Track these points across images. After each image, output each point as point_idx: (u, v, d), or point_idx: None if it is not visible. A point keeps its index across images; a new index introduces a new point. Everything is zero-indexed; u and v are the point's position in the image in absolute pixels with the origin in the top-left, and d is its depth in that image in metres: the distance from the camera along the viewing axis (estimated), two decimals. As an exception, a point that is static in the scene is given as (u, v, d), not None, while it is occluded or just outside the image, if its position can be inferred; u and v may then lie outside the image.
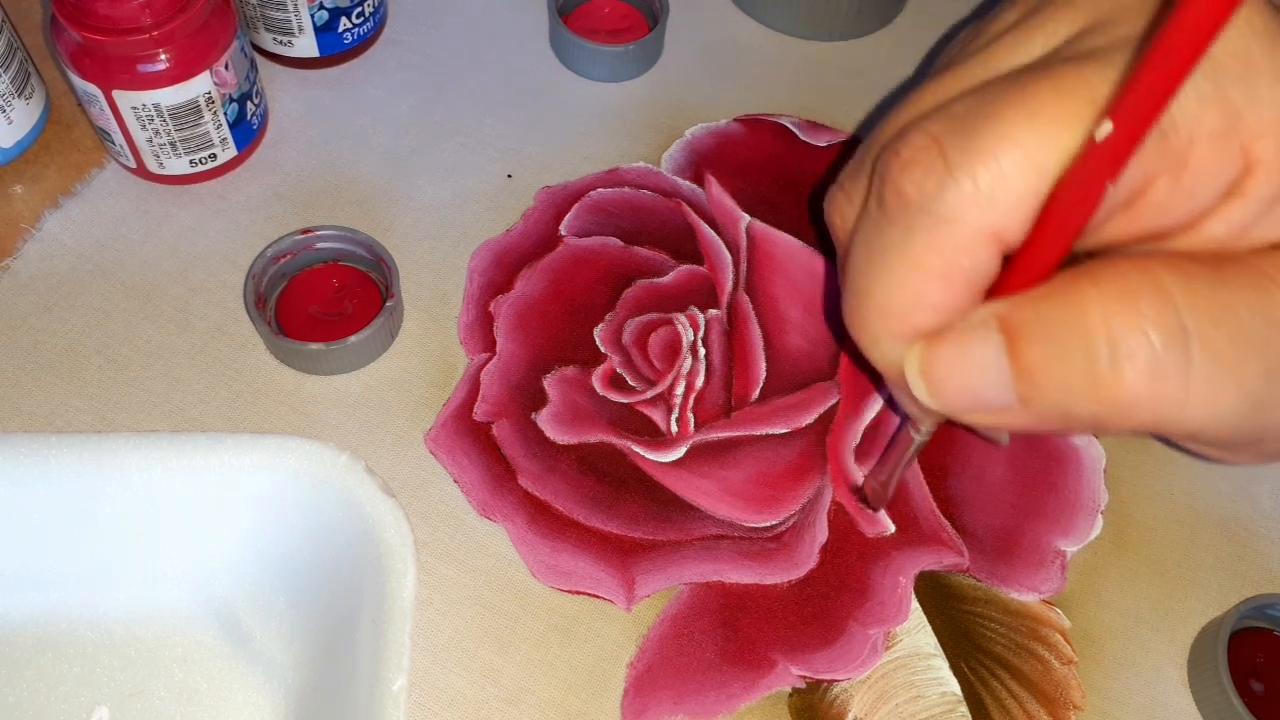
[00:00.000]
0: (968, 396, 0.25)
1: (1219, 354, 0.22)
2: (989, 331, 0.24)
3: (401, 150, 0.41)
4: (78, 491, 0.33)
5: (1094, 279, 0.23)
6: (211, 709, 0.32)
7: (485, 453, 0.35)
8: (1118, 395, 0.23)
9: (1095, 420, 0.24)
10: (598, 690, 0.31)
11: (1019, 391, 0.24)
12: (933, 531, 0.34)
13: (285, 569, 0.33)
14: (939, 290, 0.24)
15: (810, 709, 0.31)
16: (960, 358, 0.25)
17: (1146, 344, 0.22)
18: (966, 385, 0.25)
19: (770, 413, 0.36)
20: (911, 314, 0.25)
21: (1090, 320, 0.23)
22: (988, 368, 0.24)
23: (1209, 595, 0.34)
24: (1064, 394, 0.23)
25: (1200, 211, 0.24)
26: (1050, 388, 0.23)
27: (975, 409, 0.25)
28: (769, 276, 0.39)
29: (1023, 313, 0.24)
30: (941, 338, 0.25)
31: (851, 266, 0.27)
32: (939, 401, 0.25)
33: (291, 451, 0.33)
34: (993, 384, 0.24)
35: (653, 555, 0.33)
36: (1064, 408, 0.24)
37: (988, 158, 0.23)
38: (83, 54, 0.35)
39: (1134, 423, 0.23)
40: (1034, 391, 0.24)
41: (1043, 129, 0.22)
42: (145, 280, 0.38)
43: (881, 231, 0.25)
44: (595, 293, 0.38)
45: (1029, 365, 0.24)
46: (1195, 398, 0.23)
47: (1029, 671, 0.32)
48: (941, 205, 0.23)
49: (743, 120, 0.43)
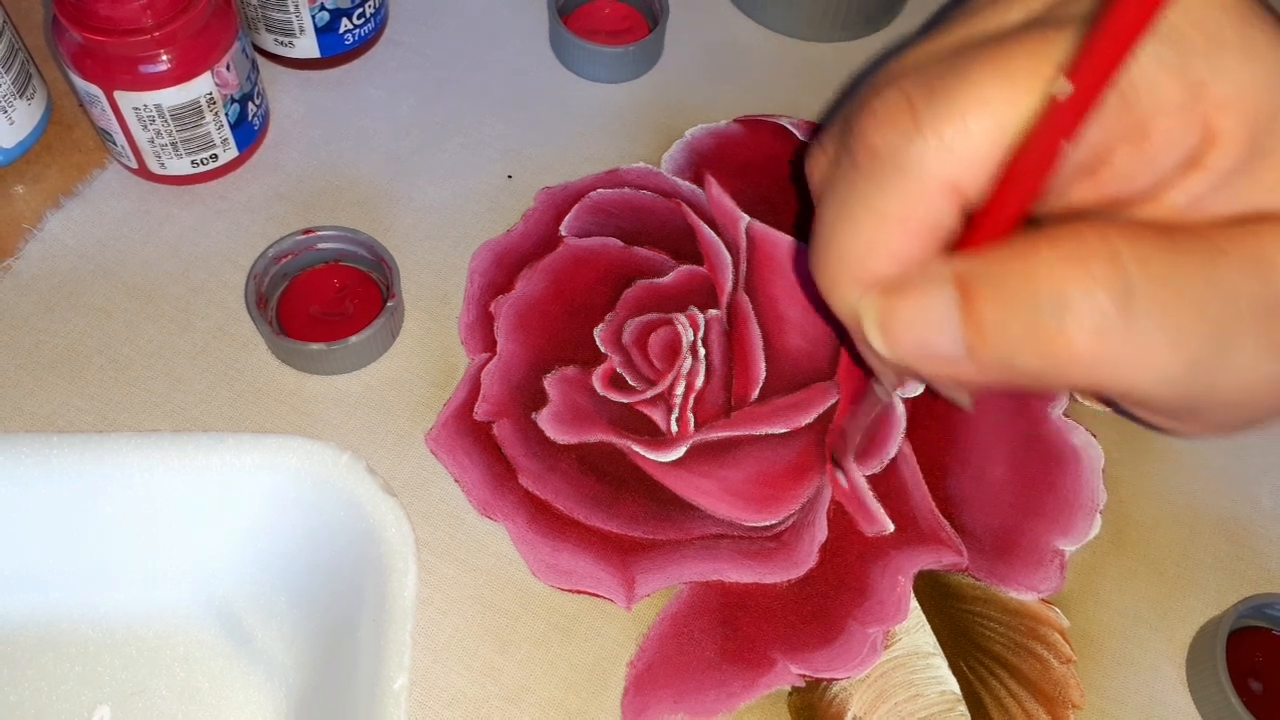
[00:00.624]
0: (920, 347, 0.26)
1: (1163, 317, 0.23)
2: (944, 284, 0.25)
3: (402, 151, 0.42)
4: (79, 491, 0.33)
5: (1051, 239, 0.24)
6: (213, 708, 0.32)
7: (486, 452, 0.35)
8: (1062, 351, 0.23)
9: (1039, 375, 0.24)
10: (598, 689, 0.31)
11: (968, 343, 0.25)
12: (932, 531, 0.34)
13: (286, 568, 0.33)
14: (898, 239, 0.25)
15: (810, 708, 0.31)
16: (915, 308, 0.26)
17: (1094, 304, 0.23)
18: (919, 336, 0.26)
19: (770, 412, 0.36)
20: (869, 259, 0.26)
21: (1040, 278, 0.23)
22: (941, 320, 0.25)
23: (1208, 595, 0.34)
24: (1010, 347, 0.24)
25: (1161, 181, 0.24)
26: (998, 341, 0.24)
27: (926, 359, 0.26)
28: (769, 277, 0.39)
29: (977, 268, 0.24)
30: (899, 288, 0.26)
31: (820, 217, 0.28)
32: (892, 350, 0.26)
33: (292, 451, 0.33)
34: (944, 336, 0.25)
35: (653, 554, 0.33)
36: (1009, 361, 0.24)
37: (954, 113, 0.24)
38: (84, 55, 0.35)
39: (1077, 379, 0.24)
40: (982, 344, 0.24)
41: (1009, 89, 0.23)
42: (147, 280, 0.38)
43: (848, 182, 0.26)
44: (595, 293, 0.38)
45: (979, 319, 0.24)
46: (1137, 358, 0.23)
47: (1028, 670, 0.32)
48: (905, 157, 0.25)
49: (743, 121, 0.43)
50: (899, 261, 0.26)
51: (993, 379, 0.25)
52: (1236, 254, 0.24)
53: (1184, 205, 0.25)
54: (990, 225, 0.24)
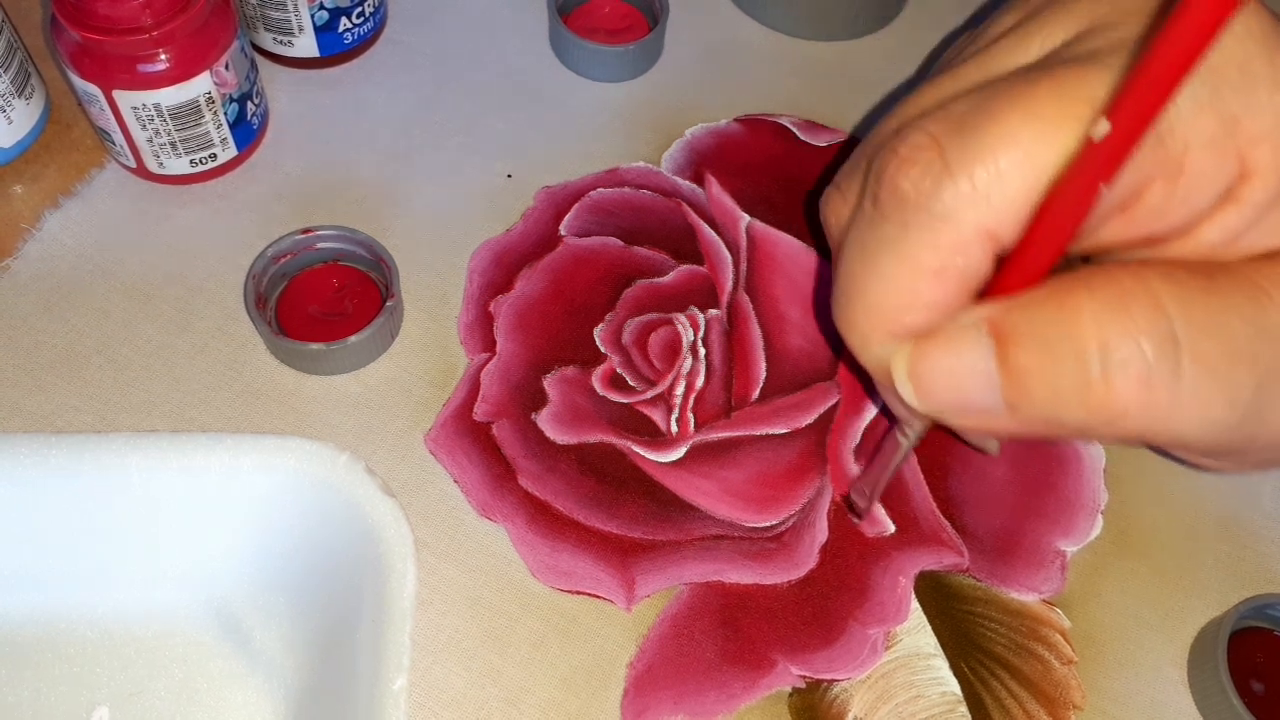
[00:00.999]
0: (954, 399, 0.25)
1: (1210, 365, 0.22)
2: (979, 334, 0.24)
3: (401, 150, 0.41)
4: (78, 491, 0.33)
5: (1088, 285, 0.23)
6: (211, 709, 0.32)
7: (485, 453, 0.35)
8: (1108, 403, 0.23)
9: (1083, 427, 0.23)
10: (598, 690, 0.31)
11: (1007, 396, 0.24)
12: (933, 531, 0.34)
13: (285, 569, 0.33)
14: (932, 289, 0.24)
15: (810, 709, 0.31)
16: (949, 359, 0.24)
17: (1139, 353, 0.22)
18: (953, 387, 0.24)
19: (770, 413, 0.36)
20: (903, 312, 0.25)
21: (1083, 327, 0.23)
22: (976, 371, 0.24)
23: (1209, 595, 0.34)
24: (1053, 400, 0.23)
25: (1196, 217, 0.24)
26: (1039, 394, 0.23)
27: (961, 412, 0.25)
28: (769, 276, 0.39)
29: (1014, 316, 0.24)
30: (931, 339, 0.25)
31: (844, 265, 0.26)
32: (925, 403, 0.25)
33: (291, 451, 0.33)
34: (980, 387, 0.24)
35: (653, 555, 0.33)
36: (1052, 414, 0.23)
37: (986, 156, 0.23)
38: (83, 54, 0.35)
39: (1122, 431, 0.23)
40: (1022, 397, 0.24)
41: (1041, 129, 0.22)
42: (145, 280, 0.38)
43: (876, 229, 0.25)
44: (595, 293, 0.38)
45: (1018, 370, 0.23)
46: (1185, 408, 0.23)
47: (1029, 671, 0.32)
48: (938, 203, 0.23)
49: (743, 120, 0.43)
50: (933, 312, 0.25)
51: (1032, 431, 0.24)
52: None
53: (1219, 242, 0.24)
54: (1023, 269, 0.23)
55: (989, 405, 0.24)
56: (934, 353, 0.25)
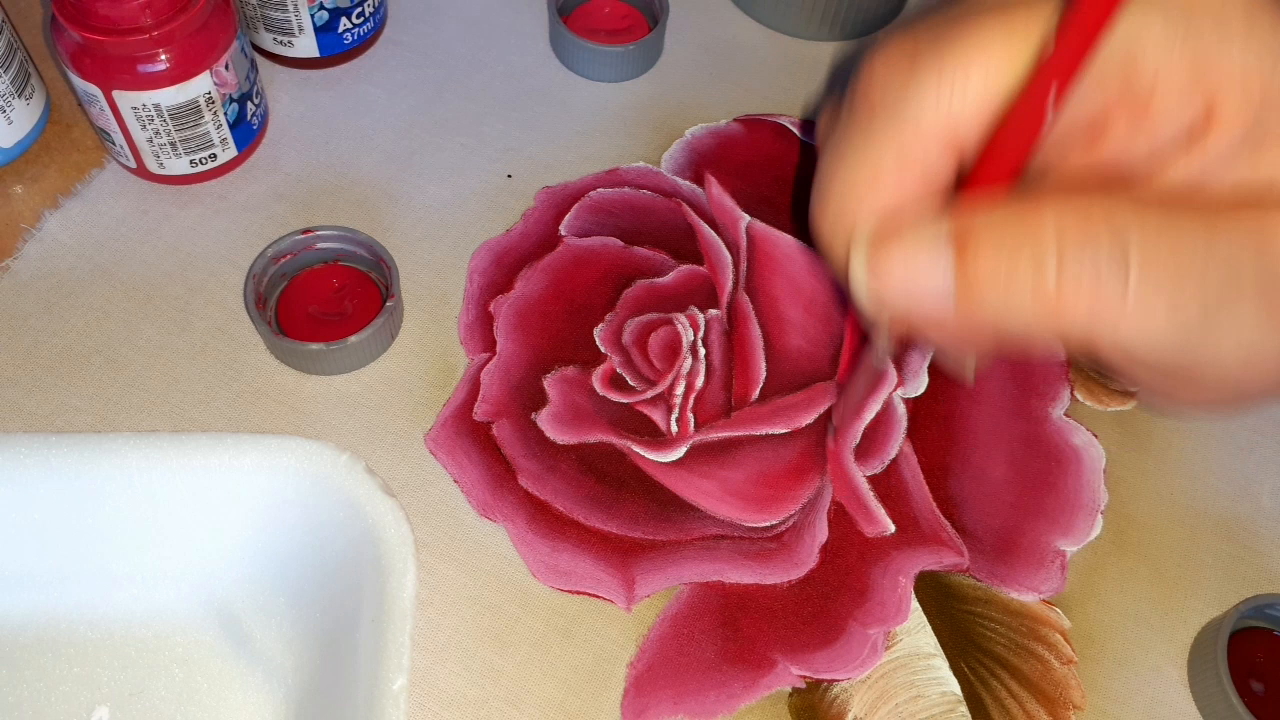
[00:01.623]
0: (906, 286, 0.26)
1: (1158, 280, 0.23)
2: (938, 233, 0.25)
3: (401, 150, 0.41)
4: (78, 491, 0.33)
5: (1053, 198, 0.24)
6: (211, 709, 0.32)
7: (485, 453, 0.35)
8: (1058, 307, 0.24)
9: (1029, 326, 0.25)
10: (598, 690, 0.31)
11: (959, 287, 0.25)
12: (933, 531, 0.34)
13: (285, 569, 0.33)
14: (893, 183, 0.26)
15: (810, 709, 0.31)
16: (906, 251, 0.26)
17: (1091, 258, 0.23)
18: (908, 277, 0.26)
19: (770, 413, 0.36)
20: (866, 197, 0.27)
21: (1044, 232, 0.24)
22: (931, 261, 0.25)
23: (1209, 595, 0.34)
24: (1002, 296, 0.24)
25: (1160, 155, 0.25)
26: (990, 288, 0.25)
27: (911, 300, 0.26)
28: (769, 276, 0.39)
29: (974, 220, 0.25)
30: (893, 233, 0.26)
31: (819, 166, 0.28)
32: (877, 289, 0.26)
33: (291, 451, 0.33)
34: (933, 277, 0.25)
35: (653, 555, 0.33)
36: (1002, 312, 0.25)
37: (952, 64, 0.25)
38: (83, 54, 0.35)
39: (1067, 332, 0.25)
40: (973, 290, 0.25)
41: (1008, 42, 0.24)
42: (145, 280, 0.38)
43: (847, 130, 0.27)
44: (595, 293, 0.38)
45: (972, 263, 0.25)
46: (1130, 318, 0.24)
47: (1029, 671, 0.32)
48: (903, 104, 0.25)
49: (743, 120, 0.43)
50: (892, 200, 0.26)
51: (978, 328, 0.26)
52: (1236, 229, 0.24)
53: (1182, 184, 0.25)
54: (984, 178, 0.25)
55: (939, 303, 0.26)
56: (894, 245, 0.26)
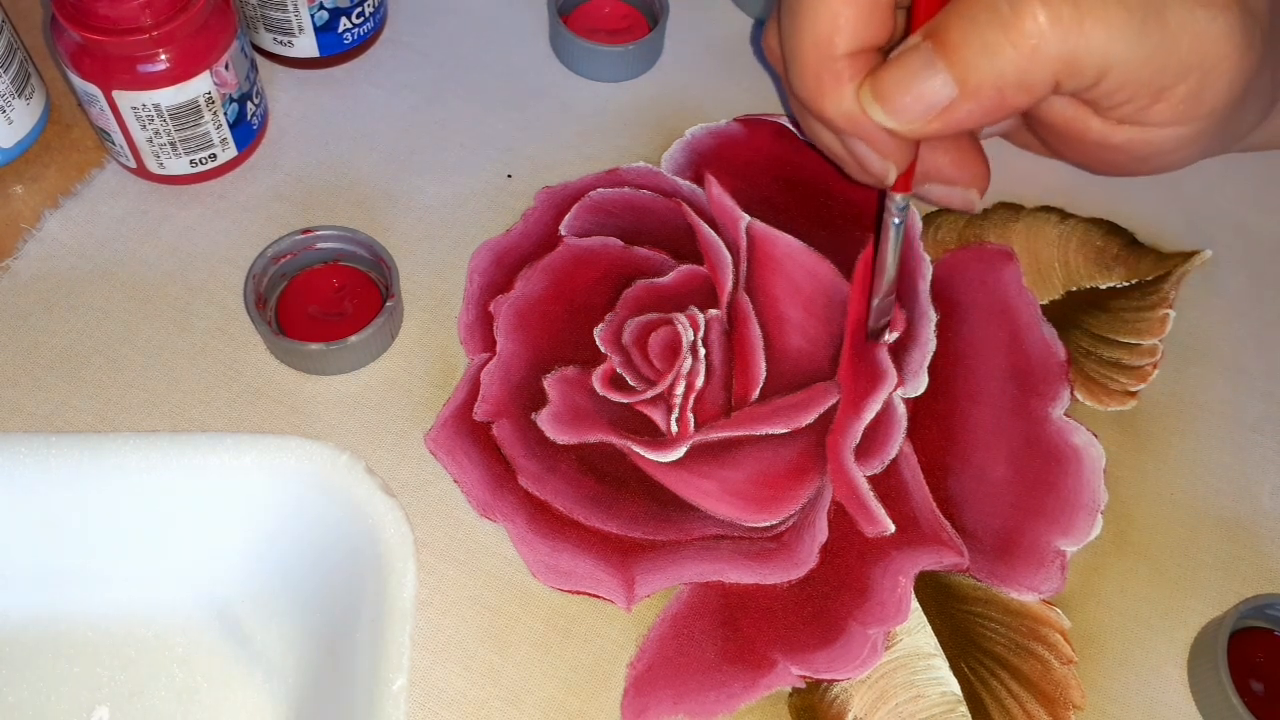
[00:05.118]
0: (915, 101, 0.31)
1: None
2: (918, 43, 0.31)
3: (401, 150, 0.41)
4: (78, 491, 0.33)
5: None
6: (211, 708, 0.32)
7: (485, 453, 0.35)
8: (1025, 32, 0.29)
9: (1020, 73, 0.30)
10: (598, 690, 0.31)
11: (953, 74, 0.30)
12: (933, 531, 0.34)
13: (285, 569, 0.33)
14: (849, 10, 0.31)
15: (810, 709, 0.31)
16: (899, 72, 0.31)
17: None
18: (911, 91, 0.31)
19: (770, 413, 0.36)
20: (834, 35, 0.31)
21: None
22: (924, 67, 0.30)
23: (1209, 595, 0.34)
24: (983, 55, 0.29)
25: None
26: (973, 56, 0.29)
27: (924, 110, 0.31)
28: (769, 276, 0.39)
29: (939, 20, 0.30)
30: (882, 66, 0.31)
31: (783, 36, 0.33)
32: (895, 116, 0.31)
33: (291, 451, 0.33)
34: (932, 81, 0.30)
35: (653, 555, 0.33)
36: (990, 69, 0.29)
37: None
38: (83, 54, 0.35)
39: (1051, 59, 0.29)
40: (962, 65, 0.30)
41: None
42: (145, 280, 0.38)
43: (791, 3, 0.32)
44: (595, 293, 0.38)
45: (952, 47, 0.30)
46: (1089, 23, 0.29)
47: (1029, 671, 0.32)
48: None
49: (743, 120, 0.43)
50: (858, 32, 0.31)
51: (985, 103, 0.30)
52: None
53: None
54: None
55: (944, 92, 0.30)
56: (887, 73, 0.31)
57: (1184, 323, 0.39)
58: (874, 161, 0.34)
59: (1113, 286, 0.40)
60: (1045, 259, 0.40)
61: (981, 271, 0.40)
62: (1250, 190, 0.43)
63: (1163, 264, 0.40)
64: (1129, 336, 0.39)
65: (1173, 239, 0.41)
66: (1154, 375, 0.38)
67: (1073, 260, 0.40)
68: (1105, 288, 0.40)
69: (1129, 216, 0.41)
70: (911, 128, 0.31)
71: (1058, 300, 0.39)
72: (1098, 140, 0.35)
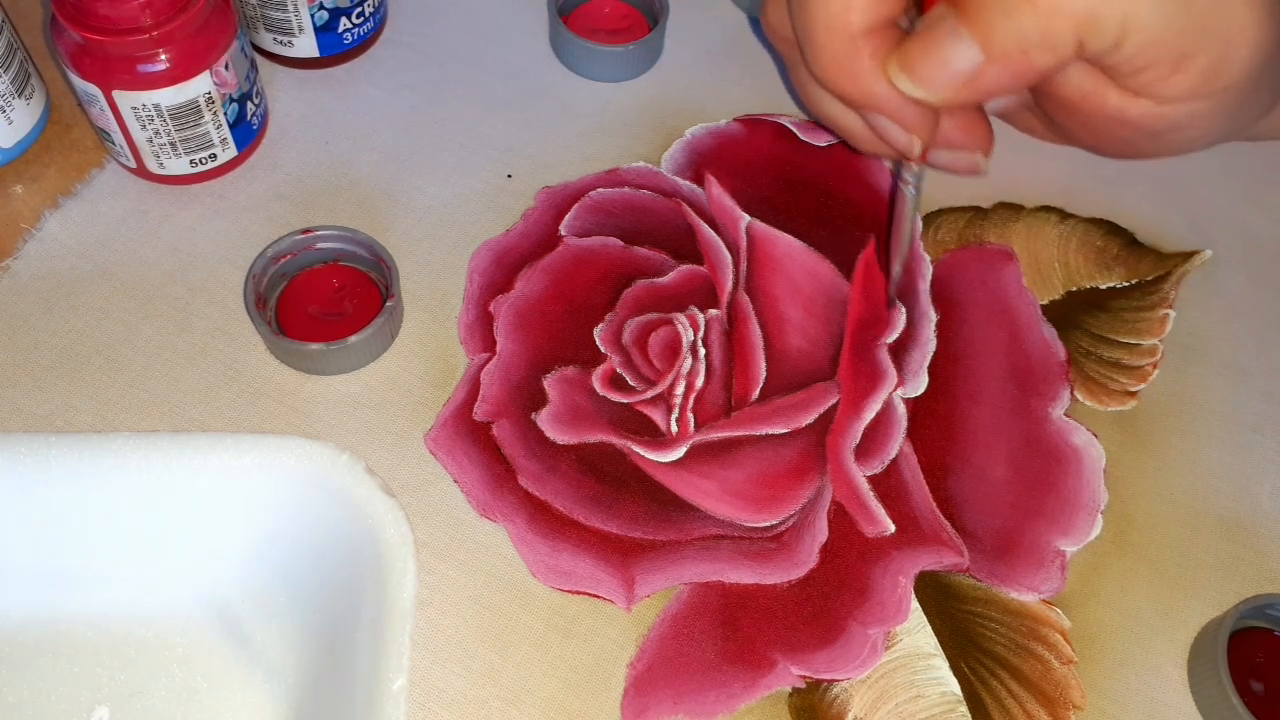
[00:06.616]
0: (943, 70, 0.31)
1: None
2: (942, 13, 0.31)
3: (401, 150, 0.41)
4: (78, 491, 0.33)
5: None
6: (211, 709, 0.32)
7: (485, 453, 0.35)
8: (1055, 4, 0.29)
9: (1046, 34, 0.30)
10: (598, 690, 0.31)
11: (978, 39, 0.30)
12: (933, 531, 0.34)
13: (285, 569, 0.33)
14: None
15: (810, 709, 0.31)
16: (926, 42, 0.31)
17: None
18: (938, 60, 0.31)
19: (770, 413, 0.36)
20: (849, 14, 0.31)
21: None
22: (950, 35, 0.31)
23: (1209, 595, 0.34)
24: (1009, 19, 0.30)
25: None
26: (998, 21, 0.30)
27: (952, 79, 0.31)
28: (769, 276, 0.39)
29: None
30: (907, 39, 0.32)
31: (796, 17, 0.33)
32: (924, 87, 0.32)
33: (291, 451, 0.33)
34: (958, 48, 0.31)
35: (653, 555, 0.33)
36: (1015, 33, 0.30)
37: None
38: (83, 54, 0.35)
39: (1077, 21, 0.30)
40: (986, 30, 0.30)
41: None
42: (145, 280, 0.38)
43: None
44: (595, 293, 0.38)
45: (974, 10, 0.30)
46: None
47: (1029, 671, 0.32)
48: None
49: (743, 120, 0.43)
50: (874, 8, 0.31)
51: (1011, 65, 0.31)
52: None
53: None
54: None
55: (970, 60, 0.31)
56: (914, 44, 0.31)
57: (1184, 323, 0.39)
58: (898, 135, 0.34)
59: (1113, 286, 0.40)
60: (1045, 259, 0.40)
61: (981, 271, 0.40)
62: (1250, 190, 0.43)
63: (1163, 264, 0.40)
64: (1129, 336, 0.39)
65: (1173, 239, 0.41)
66: (1154, 375, 0.38)
67: (1073, 260, 0.40)
68: (1105, 288, 0.40)
69: (1129, 216, 0.41)
70: (940, 96, 0.32)
71: (1058, 300, 0.39)
72: (1114, 114, 0.34)
